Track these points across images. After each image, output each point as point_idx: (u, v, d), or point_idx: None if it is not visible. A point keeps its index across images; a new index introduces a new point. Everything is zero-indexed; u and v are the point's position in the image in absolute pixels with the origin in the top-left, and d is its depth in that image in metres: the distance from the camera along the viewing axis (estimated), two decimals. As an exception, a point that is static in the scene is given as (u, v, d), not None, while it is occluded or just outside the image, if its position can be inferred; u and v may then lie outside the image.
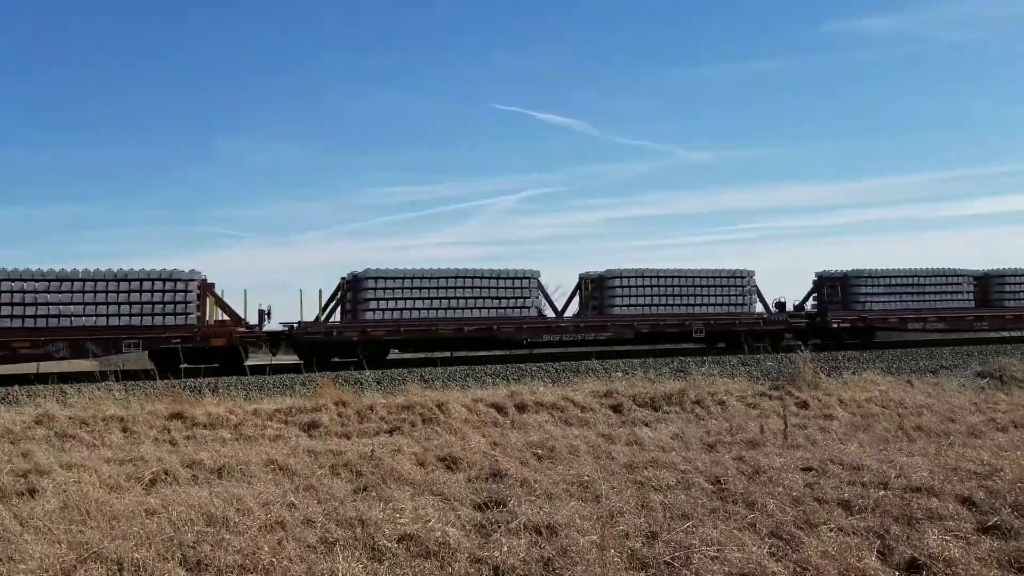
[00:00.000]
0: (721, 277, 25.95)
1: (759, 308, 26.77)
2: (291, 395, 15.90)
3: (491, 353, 24.38)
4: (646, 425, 13.49)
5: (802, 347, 20.83)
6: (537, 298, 24.06)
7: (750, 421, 13.30)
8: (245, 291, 21.68)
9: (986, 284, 30.04)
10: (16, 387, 16.38)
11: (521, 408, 14.39)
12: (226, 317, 21.48)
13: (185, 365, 20.21)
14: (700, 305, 25.51)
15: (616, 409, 14.72)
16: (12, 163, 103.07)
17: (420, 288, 22.77)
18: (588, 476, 9.38)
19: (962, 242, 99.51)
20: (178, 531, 7.04)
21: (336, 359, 22.07)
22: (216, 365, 20.62)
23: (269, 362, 22.22)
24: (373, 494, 8.62)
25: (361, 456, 10.32)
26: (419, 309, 22.62)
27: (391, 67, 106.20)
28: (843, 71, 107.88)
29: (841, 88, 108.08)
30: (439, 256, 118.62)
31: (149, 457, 10.23)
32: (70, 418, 12.87)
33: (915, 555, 6.66)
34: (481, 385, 17.30)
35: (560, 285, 48.70)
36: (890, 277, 28.27)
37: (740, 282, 26.15)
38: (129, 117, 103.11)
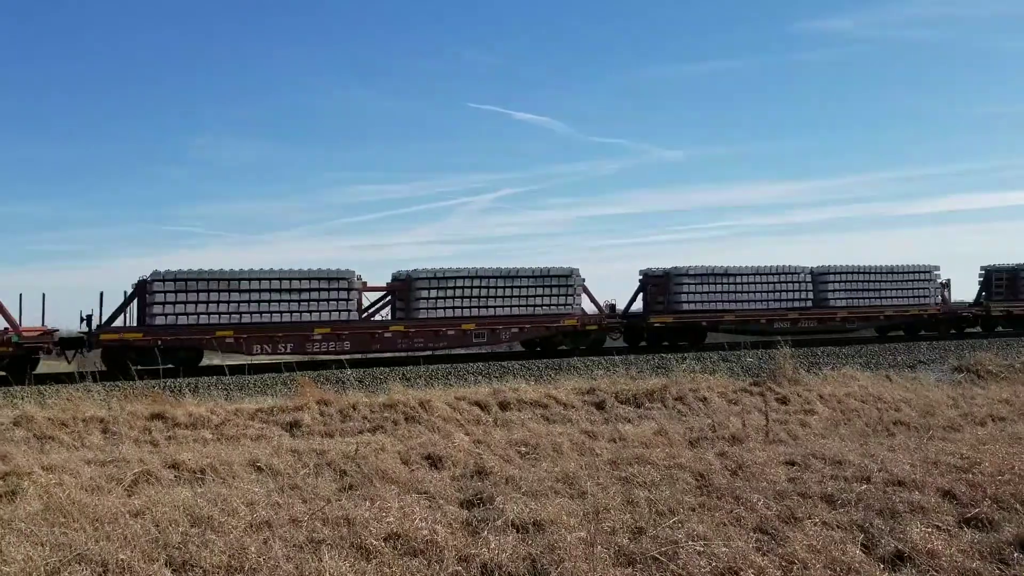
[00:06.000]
0: (913, 272, 29.15)
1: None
2: (272, 395, 15.81)
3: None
4: (628, 422, 13.54)
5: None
6: (809, 291, 28.04)
7: (732, 417, 13.37)
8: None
9: None
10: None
11: (504, 406, 14.40)
12: (592, 308, 24.84)
13: (539, 349, 24.39)
14: (896, 298, 28.83)
15: (599, 406, 14.76)
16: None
17: (719, 283, 26.43)
18: (573, 473, 9.39)
19: (921, 240, 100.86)
20: (163, 532, 6.97)
21: (666, 343, 25.72)
22: (561, 348, 24.10)
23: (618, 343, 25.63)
24: (358, 493, 8.59)
25: (345, 455, 10.28)
26: (716, 300, 26.26)
27: (359, 63, 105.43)
28: (811, 70, 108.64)
29: (810, 86, 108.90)
30: (418, 255, 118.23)
31: (130, 458, 10.11)
32: (49, 419, 12.72)
33: (899, 547, 6.74)
34: (464, 383, 17.29)
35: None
36: None
37: (927, 276, 29.27)
38: (90, 115, 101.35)
